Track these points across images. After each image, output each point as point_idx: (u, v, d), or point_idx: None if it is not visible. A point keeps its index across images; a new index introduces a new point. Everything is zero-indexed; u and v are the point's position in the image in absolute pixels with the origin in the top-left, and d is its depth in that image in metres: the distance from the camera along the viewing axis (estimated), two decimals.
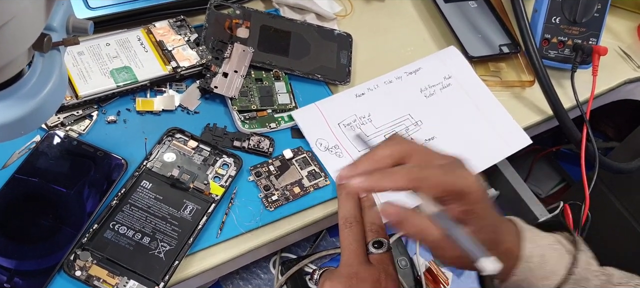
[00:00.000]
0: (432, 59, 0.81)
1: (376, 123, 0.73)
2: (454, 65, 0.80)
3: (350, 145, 0.70)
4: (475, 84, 0.79)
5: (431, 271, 0.87)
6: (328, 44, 0.81)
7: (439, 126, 0.74)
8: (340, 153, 0.70)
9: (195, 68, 0.73)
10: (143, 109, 0.70)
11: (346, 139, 0.71)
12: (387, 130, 0.72)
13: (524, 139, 0.75)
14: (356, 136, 0.66)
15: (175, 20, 0.77)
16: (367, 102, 0.74)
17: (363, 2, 0.90)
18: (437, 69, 0.80)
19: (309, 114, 0.72)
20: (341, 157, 0.69)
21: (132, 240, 0.60)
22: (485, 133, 0.75)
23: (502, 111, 0.77)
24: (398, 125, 0.73)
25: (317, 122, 0.71)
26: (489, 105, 0.78)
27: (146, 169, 0.65)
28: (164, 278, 0.58)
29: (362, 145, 0.66)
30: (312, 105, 0.73)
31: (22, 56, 0.43)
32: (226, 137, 0.70)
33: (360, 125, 0.72)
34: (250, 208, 0.65)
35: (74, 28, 0.48)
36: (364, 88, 0.76)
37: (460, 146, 0.69)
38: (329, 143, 0.70)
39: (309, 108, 0.73)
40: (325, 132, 0.71)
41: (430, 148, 0.53)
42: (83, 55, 0.70)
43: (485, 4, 0.90)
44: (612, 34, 0.93)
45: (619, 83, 0.87)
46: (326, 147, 0.69)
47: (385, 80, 0.77)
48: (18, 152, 0.64)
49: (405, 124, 0.74)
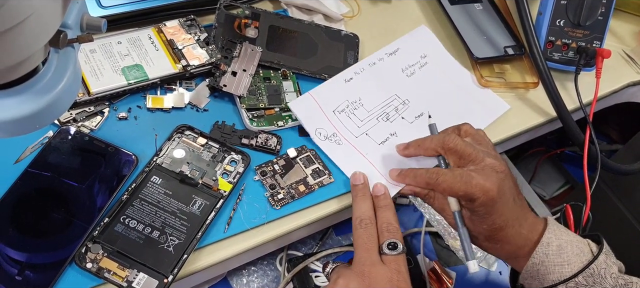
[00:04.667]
0: (407, 39, 0.85)
1: (367, 106, 0.75)
2: (427, 45, 0.85)
3: (347, 131, 0.72)
4: (448, 60, 0.84)
5: (435, 270, 0.87)
6: (335, 44, 0.82)
7: (425, 103, 0.77)
8: (339, 141, 0.71)
9: (205, 66, 0.74)
10: (153, 106, 0.71)
11: (342, 125, 0.73)
12: (379, 112, 0.75)
13: (502, 105, 0.80)
14: (430, 127, 0.70)
15: (186, 20, 0.78)
16: (356, 86, 0.77)
17: (370, 3, 0.91)
18: (413, 49, 0.84)
19: (304, 104, 0.74)
20: (341, 144, 0.71)
21: (142, 234, 0.61)
22: (467, 104, 0.79)
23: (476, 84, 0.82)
24: (388, 106, 0.76)
25: (313, 111, 0.73)
26: (464, 79, 0.82)
27: (156, 165, 0.66)
28: (173, 271, 0.59)
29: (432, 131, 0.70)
30: (306, 94, 0.75)
31: (39, 52, 0.44)
32: (234, 135, 0.71)
33: (353, 110, 0.74)
34: (257, 205, 0.66)
35: (87, 26, 0.49)
36: (351, 72, 0.78)
37: (447, 119, 0.71)
38: (327, 131, 0.72)
39: (304, 98, 0.74)
40: (322, 121, 0.73)
41: (470, 147, 0.62)
42: (95, 53, 0.72)
43: (490, 6, 0.91)
44: (615, 37, 0.94)
45: (622, 86, 0.88)
46: (325, 135, 0.71)
47: (369, 63, 0.80)
48: (31, 147, 0.66)
49: (394, 104, 0.76)
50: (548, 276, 0.60)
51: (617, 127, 1.23)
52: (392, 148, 0.71)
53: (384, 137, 0.73)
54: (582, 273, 0.59)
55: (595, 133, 0.78)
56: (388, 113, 0.75)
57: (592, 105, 0.81)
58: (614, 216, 1.03)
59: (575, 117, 0.80)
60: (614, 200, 1.02)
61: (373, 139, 0.72)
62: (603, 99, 0.88)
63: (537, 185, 1.23)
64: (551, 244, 0.60)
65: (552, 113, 0.80)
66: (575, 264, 0.60)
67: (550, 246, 0.60)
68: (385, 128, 0.74)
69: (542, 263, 0.60)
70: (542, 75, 0.79)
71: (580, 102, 0.80)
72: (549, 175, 1.25)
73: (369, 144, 0.72)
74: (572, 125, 0.78)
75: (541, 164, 1.25)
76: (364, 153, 0.71)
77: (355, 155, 0.71)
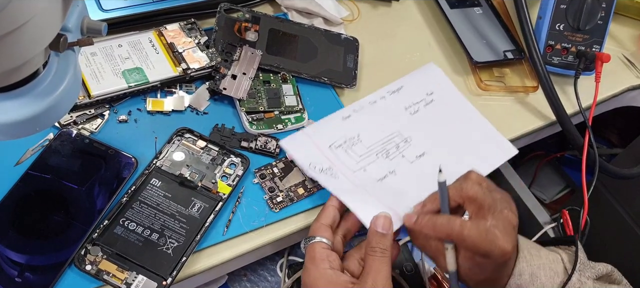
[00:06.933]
0: (413, 77, 0.80)
1: (366, 142, 0.71)
2: (434, 81, 0.80)
3: (343, 166, 0.68)
4: (457, 98, 0.79)
5: (436, 277, 0.87)
6: (335, 48, 0.82)
7: (428, 142, 0.73)
8: (336, 174, 0.67)
9: (205, 70, 0.74)
10: (153, 109, 0.72)
11: (339, 160, 0.69)
12: (379, 148, 0.71)
13: (510, 149, 0.74)
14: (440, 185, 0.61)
15: (186, 23, 0.78)
16: (354, 123, 0.73)
17: (370, 7, 0.91)
18: (419, 86, 0.79)
19: (298, 141, 0.70)
20: (337, 177, 0.67)
21: (141, 236, 0.61)
22: (472, 146, 0.74)
23: (485, 124, 0.76)
24: (389, 142, 0.72)
25: (307, 148, 0.69)
26: (473, 119, 0.77)
27: (156, 168, 0.66)
28: (172, 274, 0.59)
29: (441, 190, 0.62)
30: (299, 132, 0.71)
31: (39, 55, 0.45)
32: (234, 138, 0.71)
33: (351, 146, 0.70)
34: (256, 208, 0.67)
35: (88, 29, 0.49)
36: (350, 110, 0.74)
37: (449, 161, 0.67)
38: (322, 165, 0.68)
39: (297, 136, 0.71)
40: (317, 156, 0.69)
41: (490, 197, 0.58)
42: (96, 56, 0.72)
43: (490, 10, 0.91)
44: (615, 41, 0.94)
45: (621, 90, 0.88)
46: (321, 169, 0.67)
47: (370, 101, 0.76)
48: (32, 149, 0.66)
49: (395, 141, 0.72)
50: None
51: (618, 131, 1.23)
52: (391, 185, 0.67)
53: (383, 174, 0.69)
54: None
55: (595, 137, 0.78)
56: (388, 150, 0.71)
57: (591, 109, 0.81)
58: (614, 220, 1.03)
59: (575, 121, 0.80)
60: (614, 204, 1.02)
61: (371, 175, 0.68)
62: (603, 103, 0.88)
63: (537, 189, 1.23)
64: (523, 274, 0.59)
65: (552, 117, 0.81)
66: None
67: (523, 276, 0.59)
68: (384, 165, 0.69)
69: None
70: (541, 79, 0.79)
71: (579, 106, 0.80)
72: (549, 179, 1.25)
73: (366, 180, 0.67)
74: (571, 129, 0.78)
75: (541, 168, 1.25)
76: (362, 187, 0.67)
77: (354, 188, 0.66)
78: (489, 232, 0.56)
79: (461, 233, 0.57)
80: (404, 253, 0.88)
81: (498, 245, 0.56)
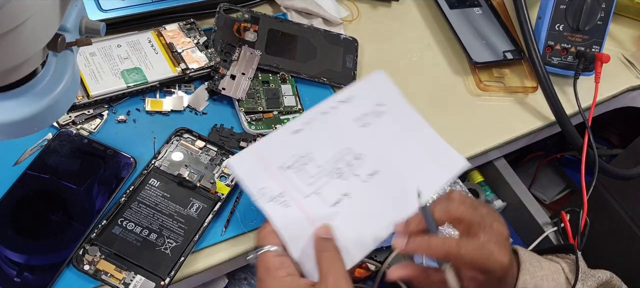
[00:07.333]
0: (362, 86, 0.74)
1: (318, 161, 0.66)
2: (383, 92, 0.75)
3: (295, 190, 0.63)
4: (406, 110, 0.74)
5: None
6: (334, 48, 0.82)
7: (380, 158, 0.68)
8: (287, 203, 0.62)
9: (204, 70, 0.74)
10: (152, 109, 0.72)
11: (290, 184, 0.63)
12: (331, 168, 0.66)
13: (459, 161, 0.70)
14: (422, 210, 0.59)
15: (185, 23, 0.78)
16: (305, 138, 0.68)
17: (369, 7, 0.91)
18: (368, 96, 0.73)
19: (246, 161, 0.64)
20: (288, 207, 0.62)
21: (140, 236, 0.61)
22: (424, 162, 0.70)
23: (436, 137, 0.73)
24: (340, 160, 0.67)
25: (257, 168, 0.64)
26: (424, 133, 0.73)
27: (154, 168, 0.66)
28: (170, 274, 0.59)
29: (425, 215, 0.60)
30: (248, 149, 0.66)
31: (37, 55, 0.45)
32: (233, 138, 0.71)
33: (302, 165, 0.65)
34: (255, 208, 0.66)
35: (86, 29, 0.49)
36: (301, 123, 0.69)
37: (403, 179, 0.66)
38: (273, 191, 0.62)
39: (245, 153, 0.65)
40: (267, 179, 0.63)
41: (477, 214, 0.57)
42: (95, 56, 0.72)
43: (489, 10, 0.91)
44: (615, 41, 0.94)
45: (621, 90, 0.88)
46: (271, 196, 0.61)
47: (321, 111, 0.71)
48: (30, 149, 0.66)
49: (347, 159, 0.67)
50: None
51: (618, 131, 1.23)
52: (346, 211, 0.63)
53: (336, 197, 0.64)
54: None
55: (595, 138, 0.78)
56: (340, 169, 0.66)
57: (591, 109, 0.81)
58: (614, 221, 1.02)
59: (575, 122, 0.80)
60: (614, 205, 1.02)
61: (324, 200, 0.63)
62: (602, 104, 0.88)
63: (537, 189, 1.23)
64: (527, 286, 0.58)
65: (551, 117, 0.81)
66: None
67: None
68: (337, 187, 0.65)
69: None
70: (541, 79, 0.79)
71: (579, 106, 0.80)
72: (549, 179, 1.25)
73: (319, 207, 0.62)
74: (571, 130, 0.78)
75: (541, 168, 1.25)
76: (313, 218, 0.61)
77: (304, 222, 0.61)
78: (484, 249, 0.56)
79: (459, 252, 0.56)
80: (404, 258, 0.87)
81: (496, 260, 0.55)
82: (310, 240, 0.59)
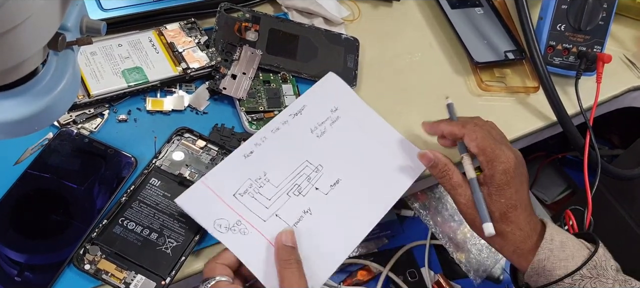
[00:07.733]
0: (314, 93, 0.74)
1: (275, 181, 0.65)
2: (336, 94, 0.74)
3: (253, 216, 0.62)
4: (363, 110, 0.73)
5: (440, 283, 0.87)
6: (335, 48, 0.82)
7: (341, 166, 0.68)
8: (245, 230, 0.61)
9: (205, 69, 0.74)
10: (153, 109, 0.72)
11: (247, 210, 0.62)
12: (289, 185, 0.65)
13: None
14: (448, 105, 0.69)
15: (186, 23, 0.78)
16: (258, 160, 0.66)
17: (371, 7, 0.91)
18: (322, 103, 0.73)
19: (196, 196, 0.62)
20: (247, 233, 0.61)
21: (140, 236, 0.61)
22: (387, 162, 0.70)
23: (395, 134, 0.73)
24: (299, 176, 0.66)
25: (209, 202, 0.62)
26: (382, 131, 0.72)
27: (155, 167, 0.66)
28: (171, 274, 0.59)
29: (451, 114, 0.70)
30: (197, 183, 0.63)
31: (37, 54, 0.45)
32: (233, 137, 0.71)
33: (258, 188, 0.64)
34: None
35: (87, 28, 0.49)
36: (251, 144, 0.67)
37: (367, 183, 0.65)
38: (229, 221, 0.61)
39: (194, 189, 0.63)
40: (222, 209, 0.62)
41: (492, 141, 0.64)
42: (96, 55, 0.72)
43: (491, 10, 0.91)
44: (617, 41, 0.93)
45: (623, 91, 0.88)
46: (227, 226, 0.61)
47: (271, 129, 0.69)
48: (31, 149, 0.66)
49: (306, 173, 0.67)
50: (554, 271, 0.61)
51: (619, 132, 1.23)
52: (309, 229, 0.63)
53: (298, 215, 0.63)
54: (586, 265, 0.60)
55: (596, 138, 0.78)
56: (299, 185, 0.65)
57: (592, 109, 0.81)
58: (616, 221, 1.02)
59: (576, 122, 0.80)
60: (615, 205, 1.02)
61: (285, 221, 0.63)
62: (604, 104, 0.87)
63: (539, 189, 1.23)
64: (554, 240, 0.61)
65: (553, 117, 0.80)
66: (578, 258, 0.61)
67: (554, 241, 0.61)
68: (298, 204, 0.64)
69: (548, 259, 0.61)
70: (542, 79, 0.79)
71: (580, 106, 0.80)
72: (550, 179, 1.25)
73: (280, 228, 0.61)
74: (572, 130, 0.78)
75: (542, 169, 1.25)
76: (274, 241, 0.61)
77: (265, 246, 0.61)
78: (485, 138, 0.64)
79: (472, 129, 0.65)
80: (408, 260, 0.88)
81: (500, 148, 0.63)
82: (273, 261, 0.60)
